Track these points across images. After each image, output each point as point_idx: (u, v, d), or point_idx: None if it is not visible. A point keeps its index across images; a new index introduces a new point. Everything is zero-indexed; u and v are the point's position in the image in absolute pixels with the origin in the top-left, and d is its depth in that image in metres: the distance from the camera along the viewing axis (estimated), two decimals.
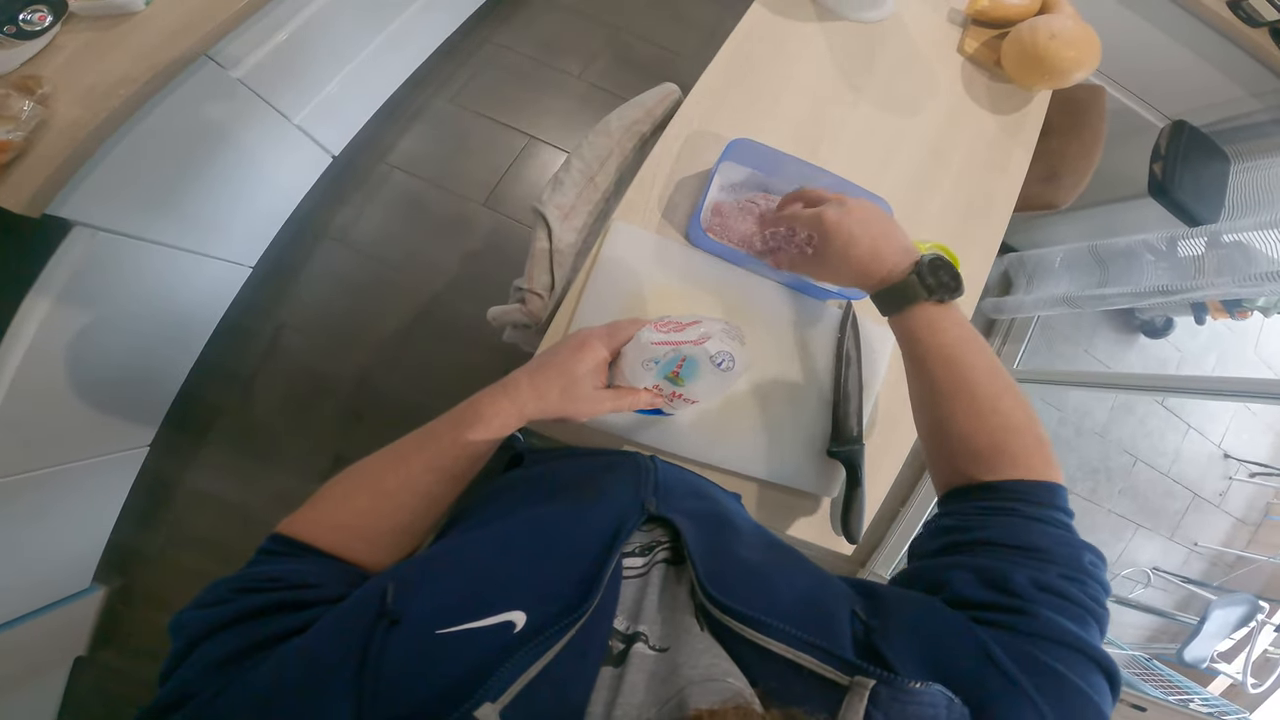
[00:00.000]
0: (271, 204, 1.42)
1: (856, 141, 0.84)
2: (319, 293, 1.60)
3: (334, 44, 1.30)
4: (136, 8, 0.88)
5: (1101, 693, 0.32)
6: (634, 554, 0.39)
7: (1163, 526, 2.41)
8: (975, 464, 0.49)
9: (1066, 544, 0.42)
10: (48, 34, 0.83)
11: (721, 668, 0.30)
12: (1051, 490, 0.46)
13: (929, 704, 0.26)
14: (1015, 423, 0.49)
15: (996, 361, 0.53)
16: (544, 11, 1.90)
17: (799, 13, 0.86)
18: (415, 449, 0.49)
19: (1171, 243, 1.53)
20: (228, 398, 1.53)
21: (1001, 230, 0.87)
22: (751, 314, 0.74)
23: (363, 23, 1.36)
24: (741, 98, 0.79)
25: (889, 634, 0.33)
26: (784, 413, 0.73)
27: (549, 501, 0.47)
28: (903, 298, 0.55)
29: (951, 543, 0.44)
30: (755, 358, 0.72)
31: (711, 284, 0.73)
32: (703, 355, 0.49)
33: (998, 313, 2.05)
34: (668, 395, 0.54)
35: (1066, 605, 0.36)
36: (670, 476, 0.53)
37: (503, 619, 0.31)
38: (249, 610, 0.36)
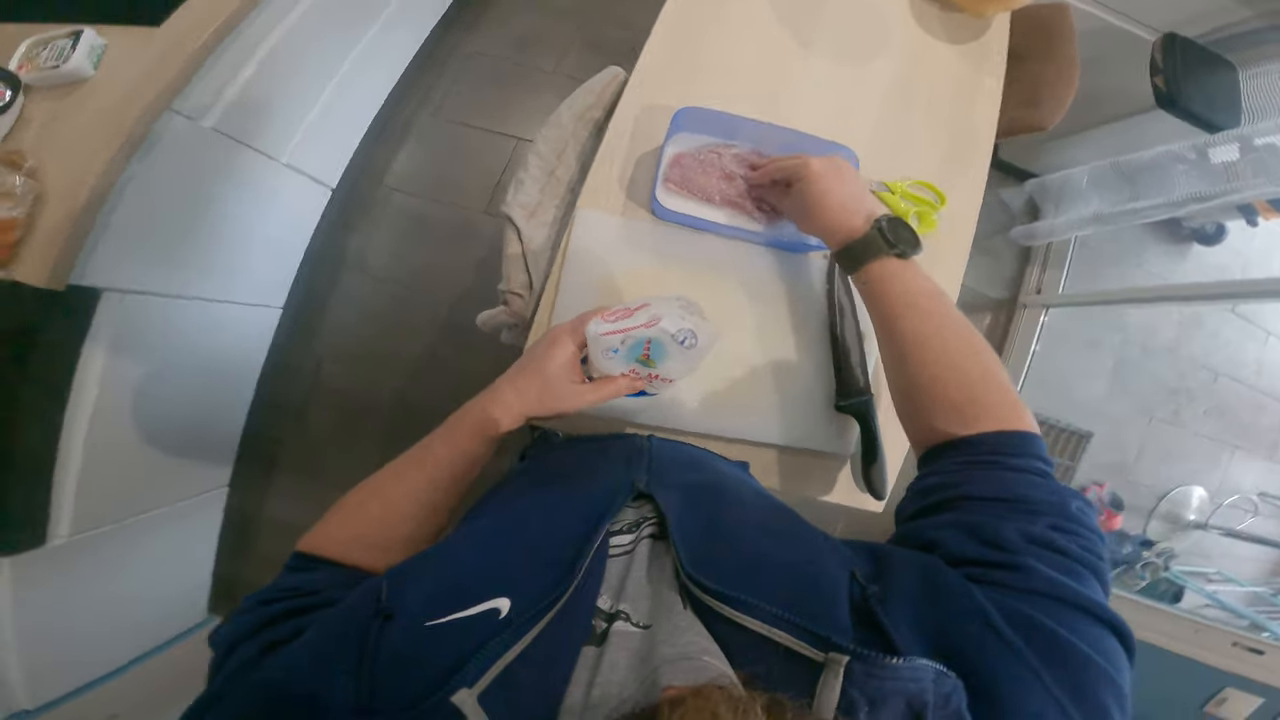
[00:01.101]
0: (284, 243, 1.48)
1: (814, 94, 0.81)
2: (347, 322, 1.69)
3: (302, 76, 1.29)
4: (86, 74, 0.88)
5: (1111, 655, 0.30)
6: (621, 532, 0.40)
7: (1260, 446, 2.25)
8: (950, 418, 0.48)
9: (1052, 492, 0.41)
10: (12, 108, 0.85)
11: (700, 645, 0.30)
12: (1029, 439, 0.45)
13: (909, 679, 0.26)
14: (986, 373, 0.49)
15: (962, 316, 0.53)
16: (508, 13, 1.89)
17: None
18: (415, 464, 0.52)
19: (1201, 151, 1.48)
20: (287, 431, 1.65)
21: (986, 160, 0.83)
22: (732, 278, 0.72)
23: (326, 50, 1.35)
24: (688, 66, 0.77)
25: (888, 599, 0.32)
26: (785, 374, 0.72)
27: (541, 489, 0.48)
28: (865, 252, 0.57)
29: (936, 502, 0.43)
30: (745, 322, 0.72)
31: (685, 255, 0.71)
32: (664, 336, 0.49)
33: (1030, 239, 1.99)
34: (645, 378, 0.54)
35: (1058, 558, 0.35)
36: (665, 452, 0.54)
37: (488, 606, 0.31)
38: (266, 618, 0.39)
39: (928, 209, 0.79)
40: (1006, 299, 2.05)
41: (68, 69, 0.85)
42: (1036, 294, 2.01)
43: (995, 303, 2.06)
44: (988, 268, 2.06)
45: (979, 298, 2.05)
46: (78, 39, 0.86)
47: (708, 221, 0.71)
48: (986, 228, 2.04)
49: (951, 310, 0.54)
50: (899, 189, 0.78)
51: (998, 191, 2.07)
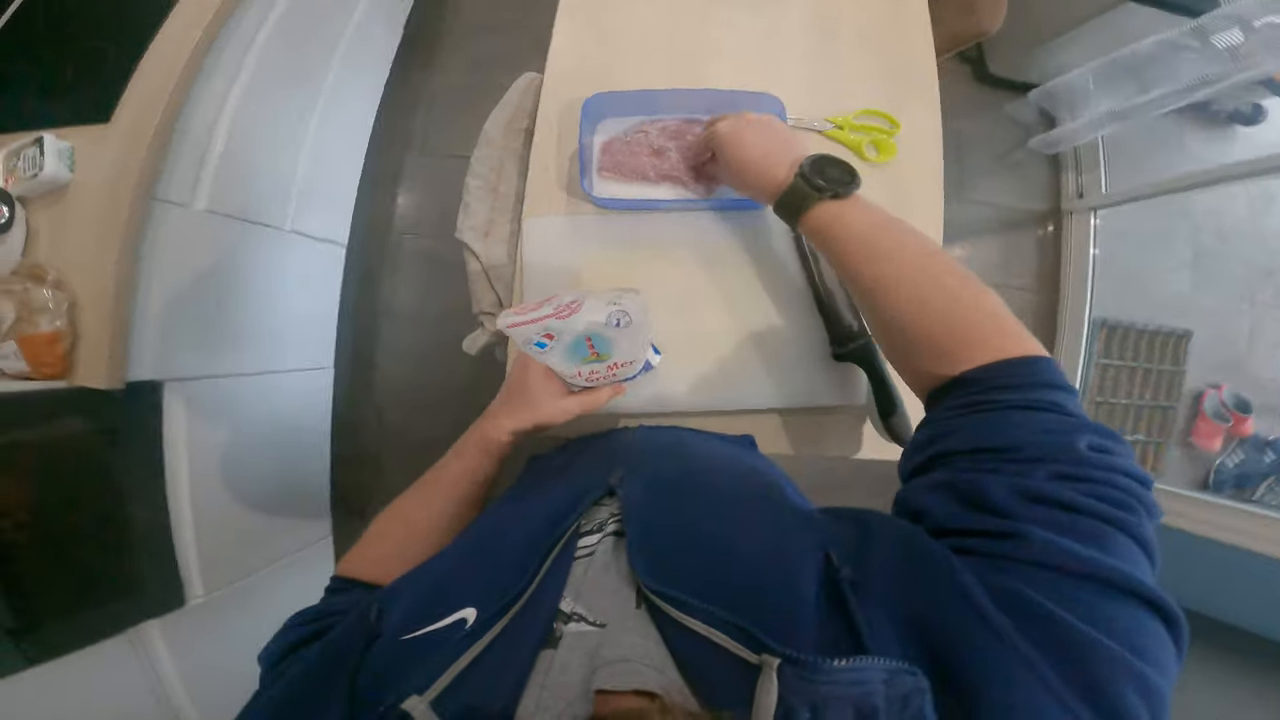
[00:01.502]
0: (317, 306, 1.56)
1: (733, 49, 0.79)
2: (395, 368, 1.78)
3: (272, 144, 1.29)
4: (65, 178, 0.90)
5: (1136, 638, 0.25)
6: (591, 532, 0.38)
7: None
8: (937, 359, 0.43)
9: (1053, 430, 0.34)
10: (16, 224, 0.88)
11: (641, 649, 0.28)
12: (1028, 365, 0.39)
13: (849, 682, 0.23)
14: (964, 302, 0.44)
15: (927, 240, 0.48)
16: (458, 39, 1.93)
17: None
18: (430, 486, 0.56)
19: (1202, 37, 1.46)
20: (368, 479, 1.74)
21: (933, 75, 0.79)
22: (691, 250, 0.71)
23: (286, 114, 1.33)
24: (600, 53, 0.77)
25: (865, 583, 0.29)
26: (771, 334, 0.70)
27: (520, 497, 0.48)
28: (797, 202, 0.53)
29: (928, 458, 0.39)
30: (717, 291, 0.71)
31: (637, 238, 0.71)
32: (596, 328, 0.50)
33: (1053, 146, 1.92)
34: (607, 372, 0.55)
35: (1064, 516, 0.29)
36: (646, 441, 0.54)
37: (457, 617, 0.31)
38: (299, 640, 0.42)
39: (883, 136, 0.75)
40: (1049, 209, 1.97)
41: (46, 176, 0.88)
42: (1079, 198, 1.92)
43: (1038, 215, 1.98)
44: (1019, 182, 1.98)
45: (1019, 213, 1.98)
46: (42, 145, 0.88)
47: (651, 200, 0.71)
48: (1003, 145, 2.00)
49: (913, 241, 0.48)
50: (846, 123, 0.75)
51: (1003, 108, 2.01)
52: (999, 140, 2.03)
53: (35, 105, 0.97)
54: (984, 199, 1.98)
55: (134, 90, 0.93)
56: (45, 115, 0.94)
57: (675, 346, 0.68)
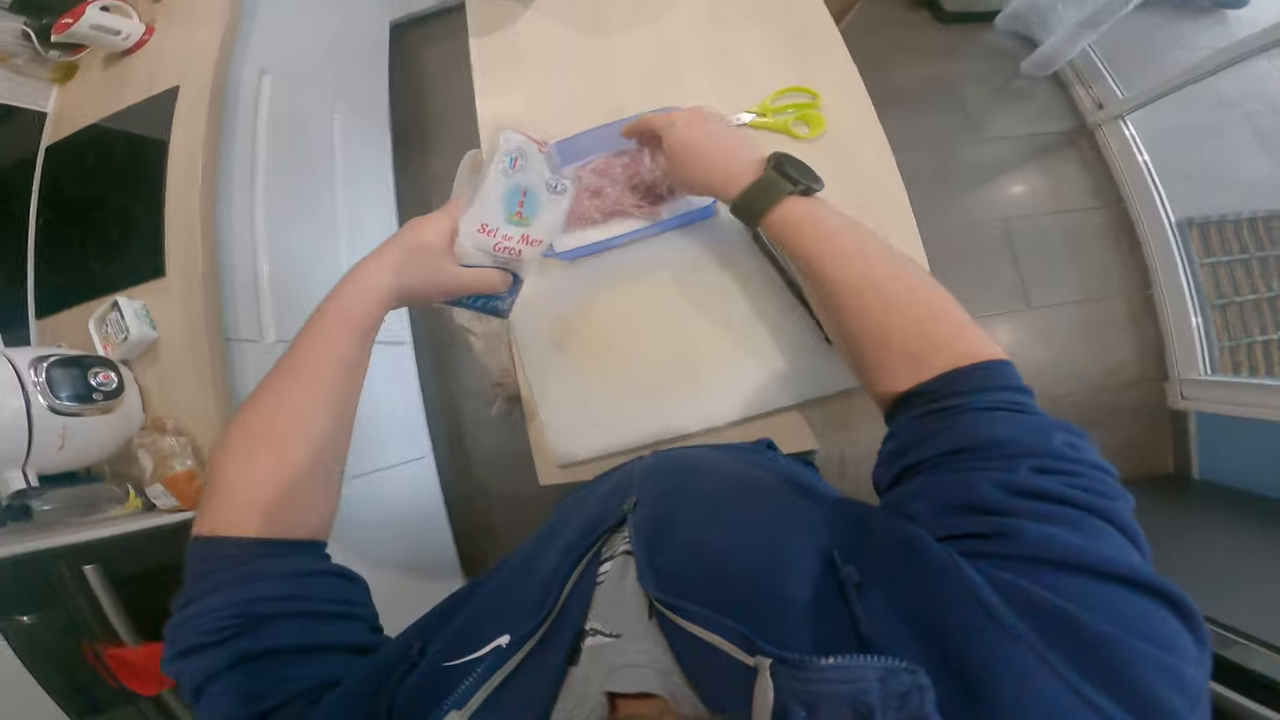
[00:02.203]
0: (403, 403, 1.70)
1: (639, 73, 0.81)
2: (487, 441, 1.94)
3: (310, 263, 1.38)
4: (151, 336, 1.00)
5: (1150, 629, 0.24)
6: (610, 558, 0.39)
7: None
8: (904, 366, 0.43)
9: (1029, 428, 0.35)
10: (128, 387, 0.97)
11: (650, 654, 0.30)
12: (993, 369, 0.40)
13: (840, 680, 0.22)
14: (933, 307, 0.44)
15: (890, 247, 0.48)
16: (442, 123, 2.05)
17: (504, 15, 0.87)
18: (284, 389, 0.46)
19: None
20: (490, 548, 1.90)
21: (835, 36, 0.79)
22: (662, 274, 0.74)
23: (313, 237, 1.42)
24: (521, 118, 0.82)
25: (869, 582, 0.29)
26: (759, 335, 0.70)
27: (548, 531, 0.48)
28: (765, 198, 0.51)
29: (902, 468, 0.39)
30: (694, 305, 0.73)
31: (607, 278, 0.75)
32: (539, 183, 0.51)
33: (1046, 67, 1.92)
34: (516, 244, 0.52)
35: (1051, 508, 0.29)
36: (656, 466, 0.52)
37: (494, 645, 0.33)
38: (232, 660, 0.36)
39: (806, 109, 0.77)
40: (1073, 128, 1.93)
41: (135, 338, 0.98)
42: (1100, 110, 1.89)
43: (1066, 136, 1.93)
44: (1031, 108, 1.96)
45: (1044, 138, 1.93)
46: (119, 309, 0.99)
47: (605, 241, 0.74)
48: (997, 77, 1.97)
49: (877, 243, 0.47)
50: (765, 108, 0.77)
51: (979, 42, 1.99)
52: (991, 74, 1.97)
53: (99, 271, 1.09)
54: (1002, 133, 1.93)
55: (171, 241, 1.03)
56: (113, 279, 1.06)
57: (668, 369, 0.71)
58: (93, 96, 1.21)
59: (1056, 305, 1.85)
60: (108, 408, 0.99)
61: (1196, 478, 1.71)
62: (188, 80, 1.10)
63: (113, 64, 1.21)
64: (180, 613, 0.40)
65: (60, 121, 1.24)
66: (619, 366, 0.74)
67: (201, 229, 1.04)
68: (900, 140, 0.75)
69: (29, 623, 0.87)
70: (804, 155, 0.74)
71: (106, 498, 1.02)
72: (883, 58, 1.87)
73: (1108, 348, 1.82)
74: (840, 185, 0.73)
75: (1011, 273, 1.87)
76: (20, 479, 0.93)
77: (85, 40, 1.17)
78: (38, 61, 1.25)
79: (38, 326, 1.16)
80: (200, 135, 1.06)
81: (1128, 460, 1.77)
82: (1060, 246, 1.87)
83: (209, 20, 1.14)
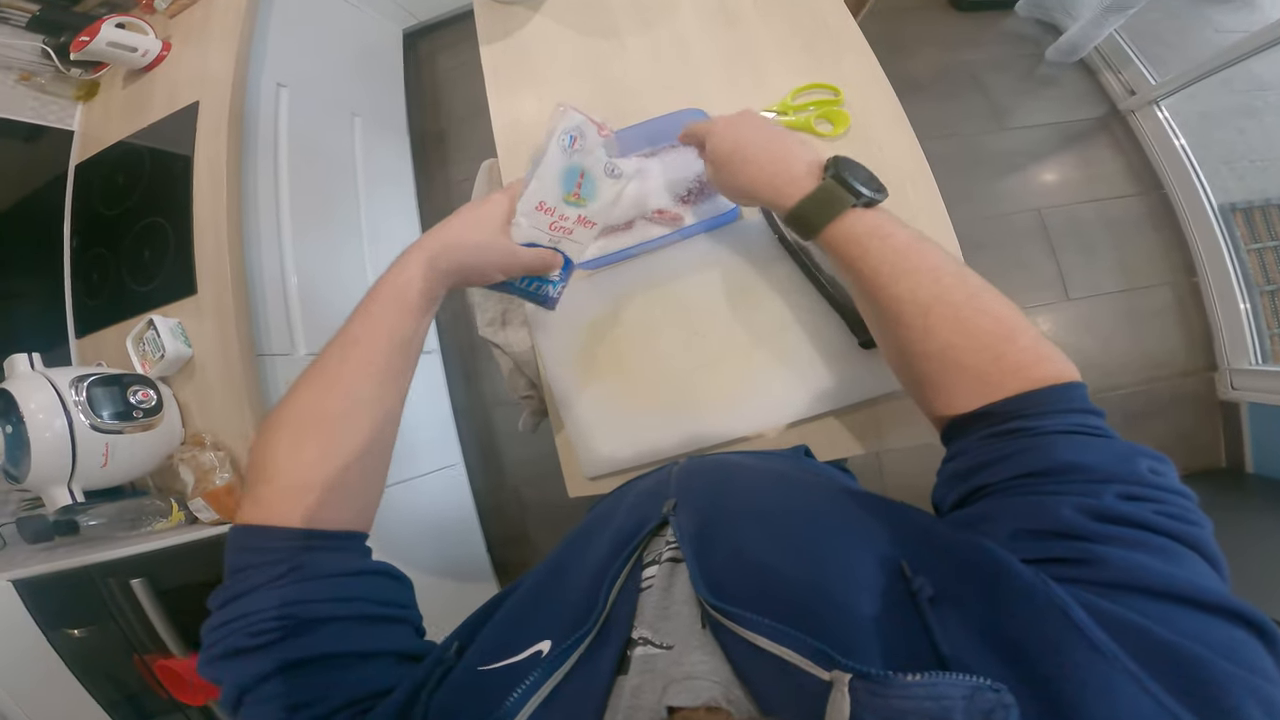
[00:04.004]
0: (434, 412, 1.73)
1: (652, 75, 0.80)
2: (516, 450, 1.95)
3: (338, 279, 1.40)
4: (186, 353, 1.03)
5: (1239, 654, 0.24)
6: (652, 563, 0.38)
7: None
8: (973, 388, 0.40)
9: (1111, 453, 0.33)
10: (167, 404, 1.00)
11: (708, 665, 0.29)
12: (1070, 391, 0.38)
13: (925, 697, 0.21)
14: (1004, 326, 0.41)
15: (958, 261, 0.45)
16: (459, 131, 2.06)
17: (513, 20, 0.85)
18: (337, 366, 0.45)
19: None
20: (524, 553, 1.93)
21: (854, 29, 0.76)
22: (689, 278, 0.72)
23: (338, 248, 1.44)
24: (534, 125, 0.81)
25: (943, 597, 0.28)
26: (791, 339, 0.68)
27: (583, 536, 0.46)
28: (825, 210, 0.47)
29: (971, 489, 0.36)
30: (724, 313, 0.71)
31: (630, 288, 0.74)
32: (598, 165, 0.52)
33: (1072, 53, 1.86)
34: (571, 225, 0.53)
35: (1139, 534, 0.28)
36: (693, 470, 0.50)
37: (532, 651, 0.32)
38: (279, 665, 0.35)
39: (828, 106, 0.74)
40: (1104, 114, 1.87)
41: (171, 355, 1.01)
42: (1132, 95, 1.82)
43: (1098, 122, 1.87)
44: (1057, 96, 1.90)
45: (1074, 126, 1.87)
46: (155, 327, 1.01)
47: (626, 249, 0.73)
48: (1021, 65, 1.91)
49: (946, 257, 0.44)
50: (785, 107, 0.75)
51: (1000, 29, 1.93)
52: (1014, 61, 1.91)
53: (134, 290, 1.11)
54: (1029, 122, 1.87)
55: (201, 258, 1.05)
56: (147, 298, 1.09)
57: (694, 379, 0.70)
58: (117, 114, 1.23)
59: (1098, 296, 1.78)
60: (148, 424, 1.01)
61: (1251, 472, 1.64)
62: (206, 95, 1.12)
63: (133, 81, 1.23)
64: (220, 611, 0.38)
65: (87, 140, 1.27)
66: (644, 377, 0.72)
67: (229, 243, 1.06)
68: (922, 130, 0.72)
69: (79, 636, 0.90)
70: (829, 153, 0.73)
71: (151, 511, 1.04)
72: (898, 47, 1.81)
73: (1154, 338, 1.76)
74: None
75: (1049, 263, 1.80)
76: (66, 495, 0.97)
77: (104, 58, 1.20)
78: (60, 80, 1.28)
79: (78, 346, 1.20)
80: (223, 149, 1.07)
81: (1177, 455, 1.67)
82: (1099, 235, 1.80)
83: (223, 36, 1.15)
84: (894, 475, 1.72)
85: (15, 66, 1.23)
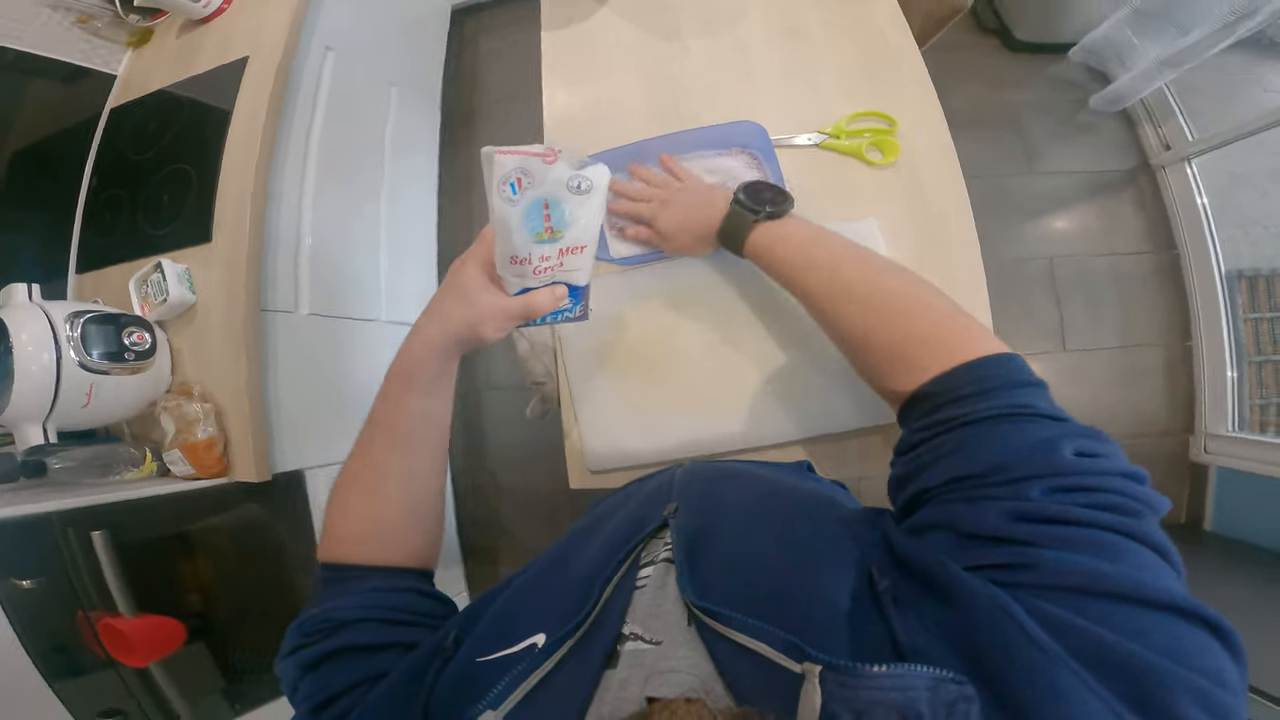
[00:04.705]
0: None
1: (709, 80, 0.80)
2: (502, 435, 1.93)
3: (352, 242, 1.39)
4: (190, 299, 1.00)
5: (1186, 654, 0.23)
6: (650, 563, 0.39)
7: None
8: (896, 370, 0.43)
9: (1033, 443, 0.33)
10: (161, 348, 0.98)
11: (690, 661, 0.30)
12: (991, 365, 0.39)
13: (891, 688, 0.22)
14: (913, 306, 0.44)
15: (868, 250, 0.51)
16: (492, 114, 2.08)
17: (577, 10, 0.86)
18: (367, 443, 0.51)
19: None
20: (495, 537, 1.90)
21: (919, 62, 0.77)
22: (719, 288, 0.72)
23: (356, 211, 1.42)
24: (588, 116, 0.81)
25: (904, 596, 0.29)
26: (806, 359, 0.69)
27: (582, 532, 0.48)
28: (737, 227, 0.56)
29: (910, 496, 0.38)
30: (748, 323, 0.71)
31: (659, 287, 0.74)
32: (558, 189, 0.45)
33: (1116, 103, 1.86)
34: (556, 260, 0.49)
35: (1070, 531, 0.28)
36: (695, 474, 0.52)
37: (528, 643, 0.33)
38: (314, 659, 0.42)
39: (882, 135, 0.75)
40: (1135, 166, 1.87)
41: (174, 300, 0.98)
42: (1167, 150, 1.82)
43: (1126, 175, 1.87)
44: (1093, 144, 1.89)
45: (1103, 176, 1.88)
46: (162, 271, 0.99)
47: (659, 252, 0.73)
48: (1062, 110, 1.91)
49: (847, 249, 0.50)
50: (839, 130, 0.75)
51: (1047, 73, 1.93)
52: (1056, 106, 1.92)
53: (146, 233, 1.10)
54: (1059, 168, 1.87)
55: (222, 208, 1.04)
56: (158, 241, 1.08)
57: (712, 387, 0.70)
58: (164, 63, 1.23)
59: (1094, 350, 1.80)
60: (138, 368, 0.97)
61: (1208, 529, 1.70)
62: (258, 51, 1.11)
63: (187, 31, 1.23)
64: (295, 620, 0.46)
65: (129, 85, 1.26)
66: (663, 379, 0.72)
67: (253, 199, 1.04)
68: None
69: (27, 587, 0.84)
70: (876, 182, 0.73)
71: (123, 459, 1.00)
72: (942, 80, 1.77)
73: (1140, 396, 1.78)
74: (908, 215, 0.72)
75: (1052, 312, 1.81)
76: (39, 434, 0.92)
77: (165, 5, 1.20)
78: (117, 25, 1.28)
79: (76, 280, 1.17)
80: (264, 105, 1.07)
81: None
82: (1105, 289, 1.82)
83: None
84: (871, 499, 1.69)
85: (75, 9, 1.23)
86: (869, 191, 0.74)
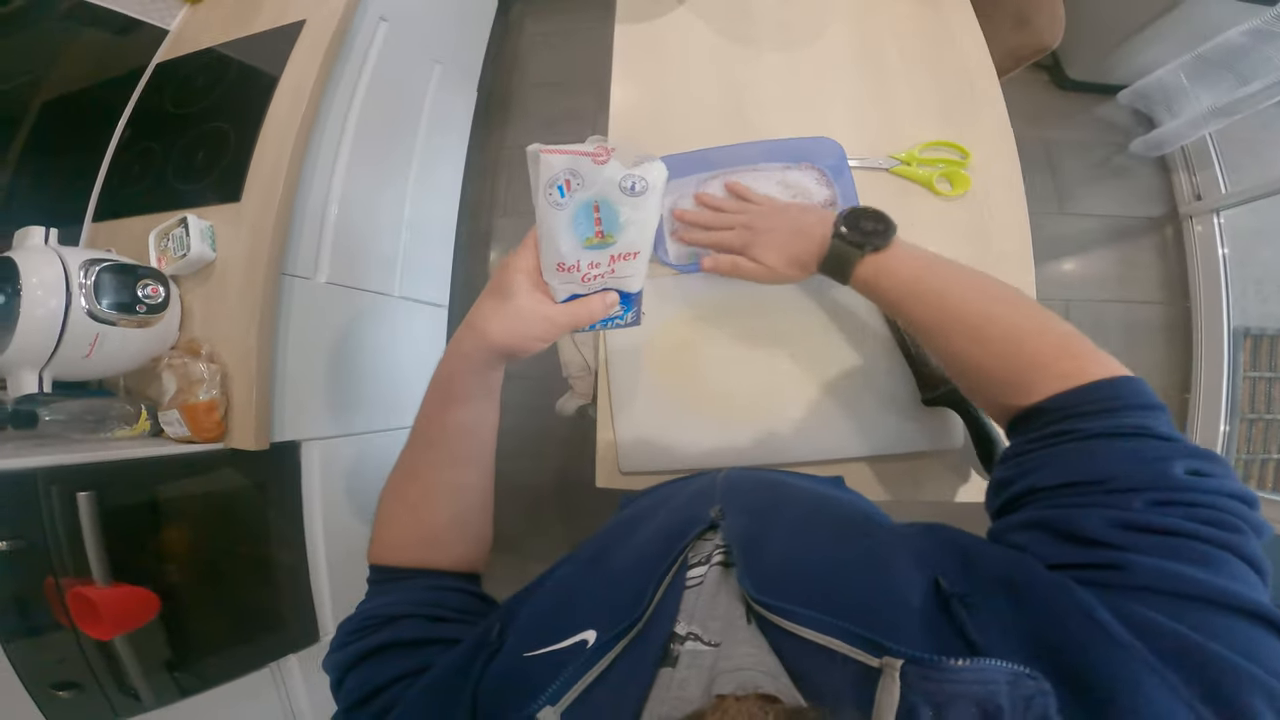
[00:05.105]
0: (428, 366, 1.63)
1: (781, 92, 0.79)
2: (508, 422, 1.84)
3: (376, 216, 1.38)
4: (209, 256, 0.98)
5: (1263, 656, 0.24)
6: (698, 564, 0.39)
7: None
8: (1008, 393, 0.43)
9: (1144, 458, 0.33)
10: (172, 303, 0.95)
11: (756, 658, 0.29)
12: (1109, 387, 0.38)
13: (973, 681, 0.23)
14: (1026, 328, 0.44)
15: (977, 275, 0.50)
16: (527, 102, 2.06)
17: (656, 6, 0.85)
18: (412, 453, 0.52)
19: None
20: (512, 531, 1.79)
21: (998, 97, 0.76)
22: (769, 302, 0.70)
23: (385, 184, 1.42)
24: (654, 114, 0.80)
25: (977, 603, 0.28)
26: (857, 382, 0.69)
27: (625, 529, 0.47)
28: (841, 263, 0.55)
29: (1010, 498, 0.38)
30: (800, 341, 0.70)
31: (713, 296, 0.72)
32: (610, 189, 0.42)
33: (1157, 149, 1.84)
34: (606, 267, 0.45)
35: (1168, 541, 0.28)
36: (738, 479, 0.52)
37: (578, 639, 0.33)
38: (359, 654, 0.43)
39: (954, 167, 0.73)
40: (1163, 214, 1.86)
41: (194, 256, 0.96)
42: (1197, 200, 1.81)
43: (1152, 222, 1.86)
44: (1125, 189, 1.88)
45: (1130, 222, 1.87)
46: (187, 226, 0.96)
47: None
48: (1100, 151, 1.89)
49: (962, 277, 0.49)
50: (912, 158, 0.74)
51: (1092, 113, 1.92)
52: (1095, 147, 1.91)
53: (175, 187, 1.08)
54: (1088, 210, 1.86)
55: (256, 170, 1.02)
56: (185, 196, 1.05)
57: (755, 400, 0.69)
58: (219, 21, 1.22)
59: None
60: (147, 321, 0.93)
61: None
62: (315, 15, 1.10)
63: None
64: (347, 617, 0.48)
65: (179, 41, 1.25)
66: (707, 387, 0.70)
67: (289, 164, 1.02)
68: None
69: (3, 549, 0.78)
70: (941, 213, 0.72)
71: (116, 415, 0.95)
72: None
73: None
74: (969, 253, 0.71)
75: None
76: (34, 382, 0.87)
77: None
78: None
79: (91, 228, 1.14)
80: (314, 70, 1.05)
81: None
82: (1114, 337, 1.80)
83: None
84: None
85: None
86: (932, 222, 0.73)
